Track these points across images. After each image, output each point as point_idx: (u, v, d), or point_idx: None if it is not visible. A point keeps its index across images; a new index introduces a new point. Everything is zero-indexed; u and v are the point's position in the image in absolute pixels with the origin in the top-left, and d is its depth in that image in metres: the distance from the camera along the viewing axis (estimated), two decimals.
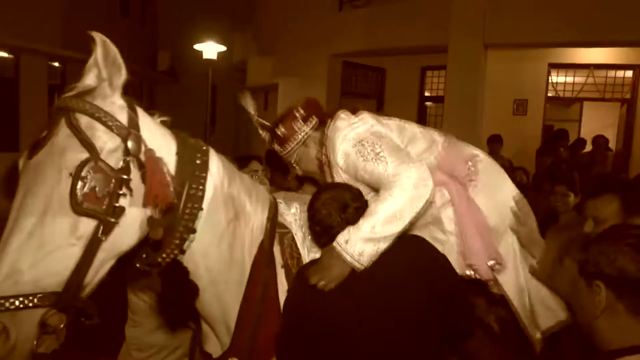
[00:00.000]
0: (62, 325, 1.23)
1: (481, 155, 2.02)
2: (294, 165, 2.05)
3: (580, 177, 3.60)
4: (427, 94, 9.12)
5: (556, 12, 6.52)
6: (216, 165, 1.62)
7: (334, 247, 1.58)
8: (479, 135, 7.35)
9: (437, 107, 8.79)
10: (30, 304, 1.18)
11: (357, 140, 1.80)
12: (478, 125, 7.38)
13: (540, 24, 6.63)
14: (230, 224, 1.65)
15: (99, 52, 1.31)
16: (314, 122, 1.97)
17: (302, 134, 1.97)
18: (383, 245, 1.57)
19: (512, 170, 5.19)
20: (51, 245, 1.22)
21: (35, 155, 1.28)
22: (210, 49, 9.29)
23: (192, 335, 2.09)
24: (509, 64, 7.95)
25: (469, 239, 1.85)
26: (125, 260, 1.43)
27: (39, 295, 1.19)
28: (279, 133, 1.97)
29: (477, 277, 1.89)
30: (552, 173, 4.55)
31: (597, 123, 9.15)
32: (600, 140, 7.18)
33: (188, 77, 13.58)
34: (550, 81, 8.31)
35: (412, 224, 1.67)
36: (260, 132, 2.06)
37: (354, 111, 1.97)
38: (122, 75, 1.36)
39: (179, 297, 1.60)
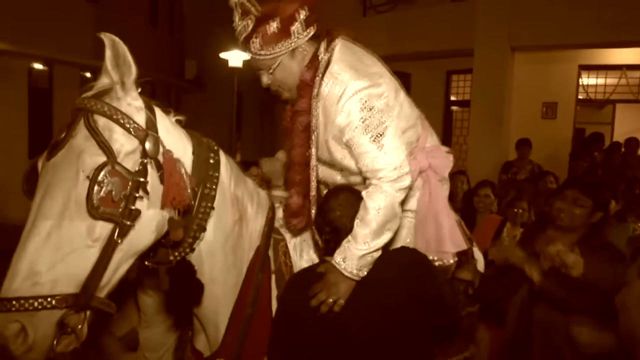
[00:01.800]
0: (80, 326, 1.25)
1: None
2: (265, 74, 1.68)
3: (613, 181, 3.49)
4: (453, 98, 9.02)
5: (584, 13, 6.37)
6: (225, 165, 1.63)
7: (334, 265, 1.56)
8: (507, 139, 7.22)
9: (464, 112, 8.68)
10: (49, 305, 1.20)
11: (368, 105, 1.56)
12: (505, 129, 7.26)
13: (568, 25, 6.49)
14: (236, 225, 1.66)
15: (108, 54, 1.29)
16: (313, 32, 1.65)
17: (297, 40, 1.61)
18: (378, 253, 1.58)
19: (541, 175, 5.06)
20: (68, 248, 1.23)
21: (53, 157, 1.29)
22: (235, 57, 9.41)
23: (179, 334, 2.10)
24: (537, 66, 7.80)
25: (426, 231, 1.81)
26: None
27: (57, 297, 1.21)
28: (267, 29, 1.57)
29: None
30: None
31: (631, 125, 8.85)
32: (633, 143, 6.94)
33: (214, 84, 13.78)
34: (580, 83, 8.10)
35: None
36: (237, 16, 1.61)
37: (354, 38, 1.73)
38: (133, 74, 1.33)
39: (185, 295, 1.59)
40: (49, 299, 1.20)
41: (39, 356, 1.22)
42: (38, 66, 9.14)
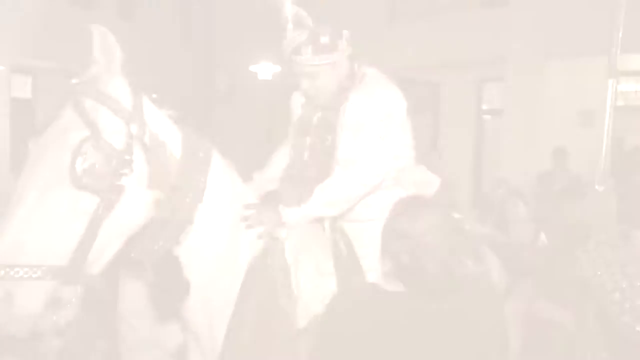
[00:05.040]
0: (74, 298, 1.28)
1: None
2: (307, 81, 1.90)
3: None
4: (484, 107, 8.87)
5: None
6: (219, 164, 1.63)
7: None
8: (542, 149, 7.03)
9: (496, 121, 8.52)
10: (34, 275, 1.22)
11: (388, 115, 1.83)
12: (540, 137, 7.08)
13: (604, 30, 6.29)
14: (230, 225, 1.65)
15: (96, 42, 1.38)
16: (351, 51, 1.93)
17: (341, 54, 1.88)
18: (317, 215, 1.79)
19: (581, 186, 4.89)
20: (53, 219, 1.26)
21: (42, 136, 1.35)
22: (265, 69, 9.53)
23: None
24: (573, 73, 7.58)
25: None
26: None
27: (43, 267, 1.23)
28: (320, 40, 1.83)
29: None
30: None
31: None
32: None
33: (246, 96, 13.99)
34: (618, 90, 7.84)
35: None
36: (290, 25, 1.88)
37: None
38: (119, 59, 1.41)
39: (171, 289, 1.57)
40: (34, 269, 1.22)
41: (22, 328, 1.23)
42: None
